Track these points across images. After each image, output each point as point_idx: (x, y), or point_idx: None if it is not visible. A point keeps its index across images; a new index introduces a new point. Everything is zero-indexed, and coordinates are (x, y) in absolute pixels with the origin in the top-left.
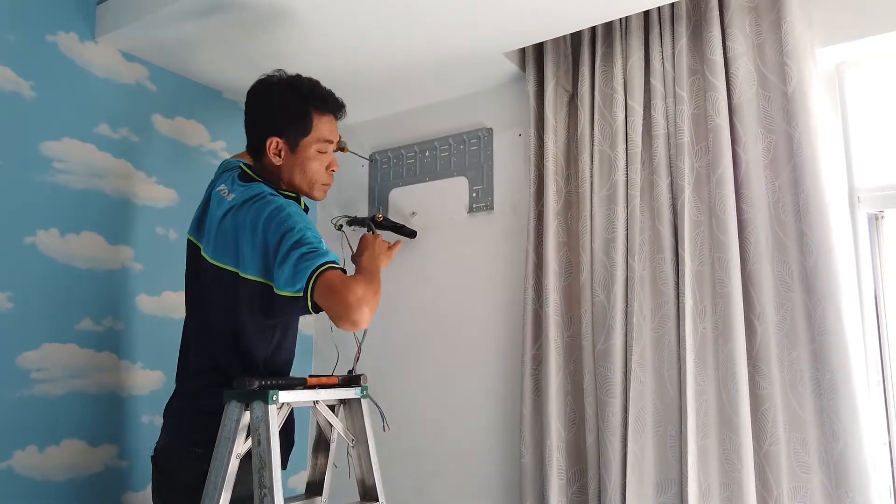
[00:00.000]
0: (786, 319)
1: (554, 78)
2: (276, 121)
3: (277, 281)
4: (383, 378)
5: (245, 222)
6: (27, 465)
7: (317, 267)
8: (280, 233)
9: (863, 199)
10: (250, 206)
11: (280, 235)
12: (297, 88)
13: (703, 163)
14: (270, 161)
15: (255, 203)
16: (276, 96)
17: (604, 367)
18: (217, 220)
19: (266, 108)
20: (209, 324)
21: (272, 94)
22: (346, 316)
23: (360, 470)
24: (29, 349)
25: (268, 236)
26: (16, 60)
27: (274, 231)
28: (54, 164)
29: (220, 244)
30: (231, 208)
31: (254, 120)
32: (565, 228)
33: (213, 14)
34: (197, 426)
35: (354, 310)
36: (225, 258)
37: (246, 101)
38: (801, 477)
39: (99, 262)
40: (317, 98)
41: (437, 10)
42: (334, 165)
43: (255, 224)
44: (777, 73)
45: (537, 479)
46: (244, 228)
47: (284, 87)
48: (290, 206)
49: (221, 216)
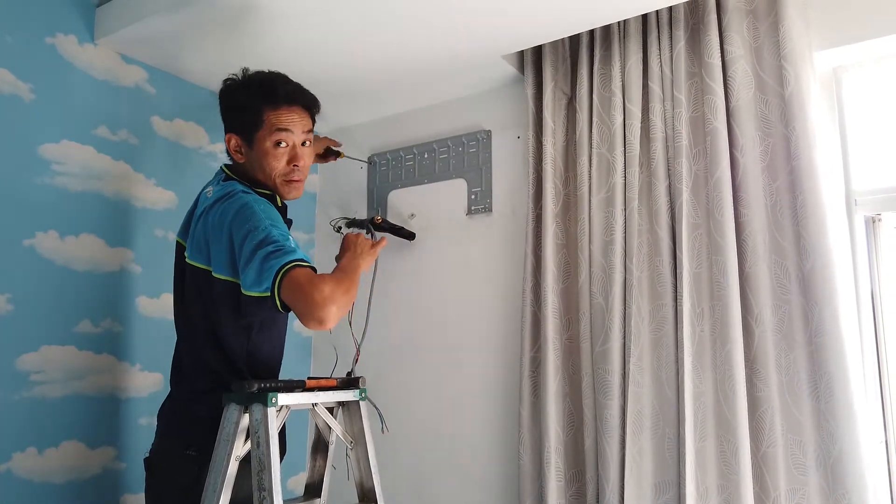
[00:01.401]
0: (783, 322)
1: (552, 81)
2: (231, 119)
3: (244, 282)
4: (382, 380)
5: (214, 221)
6: (26, 467)
7: (282, 265)
8: (244, 231)
9: (860, 202)
10: (220, 205)
11: (244, 234)
12: (249, 85)
13: (700, 166)
14: (234, 159)
15: (224, 202)
16: (231, 95)
17: (602, 369)
18: (196, 220)
19: (224, 108)
20: (194, 324)
21: (228, 93)
22: (310, 313)
23: (359, 472)
24: (28, 351)
25: (233, 235)
26: (14, 62)
27: (238, 229)
28: (53, 166)
29: (194, 244)
30: (206, 208)
31: (222, 120)
32: (564, 231)
33: (213, 17)
34: (190, 428)
35: (320, 307)
36: (199, 257)
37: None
38: (798, 479)
39: (98, 265)
40: (267, 92)
41: (435, 12)
42: (297, 160)
43: (223, 222)
44: (774, 77)
45: (535, 480)
46: (213, 227)
47: (238, 86)
48: (257, 204)
49: (199, 216)
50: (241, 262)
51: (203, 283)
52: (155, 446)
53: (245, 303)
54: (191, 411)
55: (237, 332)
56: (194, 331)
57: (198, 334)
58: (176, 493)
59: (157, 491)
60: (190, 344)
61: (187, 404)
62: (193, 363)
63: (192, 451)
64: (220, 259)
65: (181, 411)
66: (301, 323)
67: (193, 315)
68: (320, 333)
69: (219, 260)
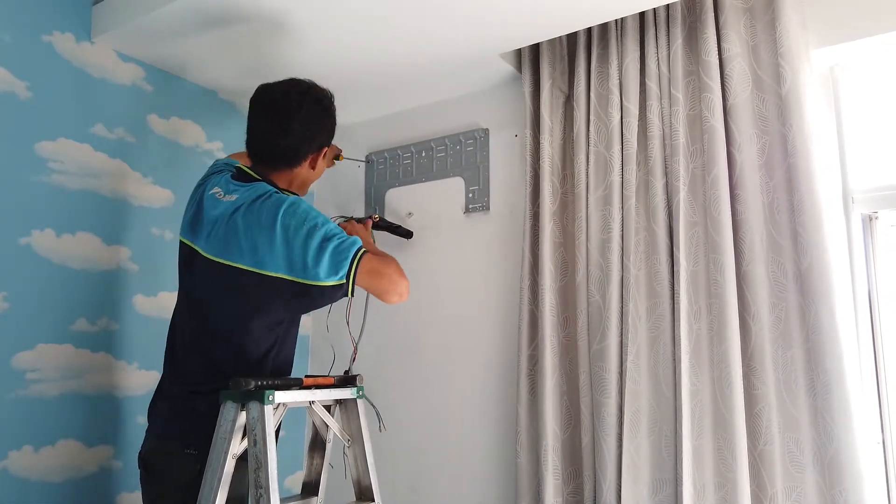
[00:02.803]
0: (780, 320)
1: (550, 79)
2: (331, 131)
3: (318, 273)
4: (379, 378)
5: (259, 220)
6: (22, 465)
7: (354, 254)
8: (306, 228)
9: (857, 199)
10: (262, 204)
11: (307, 231)
12: (332, 98)
13: (698, 164)
14: (308, 167)
15: (266, 201)
16: (331, 109)
17: (599, 367)
18: (222, 218)
19: (330, 121)
20: (210, 325)
21: (331, 107)
22: (395, 289)
23: (356, 470)
24: (24, 349)
25: (291, 233)
26: (11, 60)
27: (297, 227)
28: (50, 164)
29: (229, 243)
30: (238, 207)
31: (309, 127)
32: (561, 229)
33: (209, 14)
34: (190, 428)
35: (402, 284)
36: (236, 257)
37: (295, 107)
38: (795, 476)
39: (94, 263)
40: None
41: (433, 10)
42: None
43: (273, 222)
44: (772, 75)
45: (533, 478)
46: (260, 227)
47: (331, 98)
48: (302, 203)
49: (229, 215)
50: (310, 256)
51: (237, 282)
52: (151, 445)
53: (311, 294)
54: (190, 411)
55: (265, 331)
56: (210, 332)
57: (216, 335)
58: (175, 490)
59: (157, 490)
60: (198, 344)
61: (185, 403)
62: (195, 364)
63: (192, 450)
64: (273, 257)
65: (179, 410)
66: (381, 300)
67: (213, 315)
68: (318, 332)
69: (270, 259)
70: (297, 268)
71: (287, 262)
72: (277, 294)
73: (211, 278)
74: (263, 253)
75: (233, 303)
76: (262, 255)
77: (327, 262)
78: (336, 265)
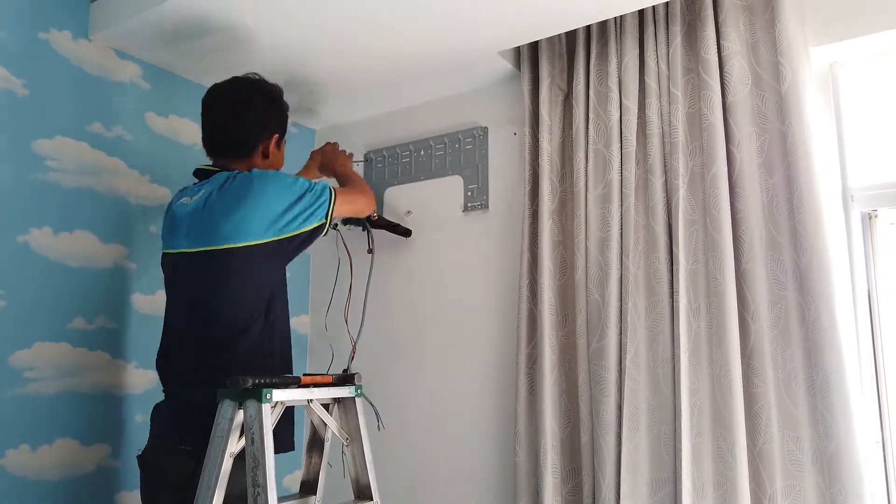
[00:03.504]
0: (779, 318)
1: (549, 77)
2: (281, 120)
3: (300, 224)
4: (378, 377)
5: (235, 195)
6: (20, 464)
7: (328, 197)
8: (280, 188)
9: (856, 197)
10: (231, 184)
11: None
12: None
13: (697, 162)
14: (265, 155)
15: (234, 181)
16: (281, 98)
17: (598, 365)
18: (197, 211)
19: (277, 109)
20: (200, 312)
21: (280, 96)
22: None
23: (355, 469)
24: (21, 348)
25: (268, 197)
26: (8, 58)
27: (272, 190)
28: (47, 162)
29: (208, 228)
30: (209, 196)
31: (260, 115)
32: (560, 227)
33: (207, 12)
34: (185, 423)
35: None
36: (220, 239)
37: (245, 97)
38: (794, 475)
39: (92, 261)
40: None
41: (431, 8)
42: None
43: (248, 192)
44: (771, 73)
45: (532, 477)
46: (237, 201)
47: (280, 91)
48: (268, 171)
49: (202, 206)
50: (291, 211)
51: (227, 262)
52: (150, 445)
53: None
54: (184, 406)
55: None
56: (196, 317)
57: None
58: (172, 488)
59: (153, 490)
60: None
61: (180, 399)
62: (188, 359)
63: (188, 445)
64: (258, 222)
65: (174, 407)
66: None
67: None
68: (317, 331)
69: (256, 225)
70: (279, 225)
71: (269, 224)
72: (265, 259)
73: (198, 271)
74: (245, 224)
75: (222, 285)
76: (244, 226)
77: (308, 211)
78: (314, 212)
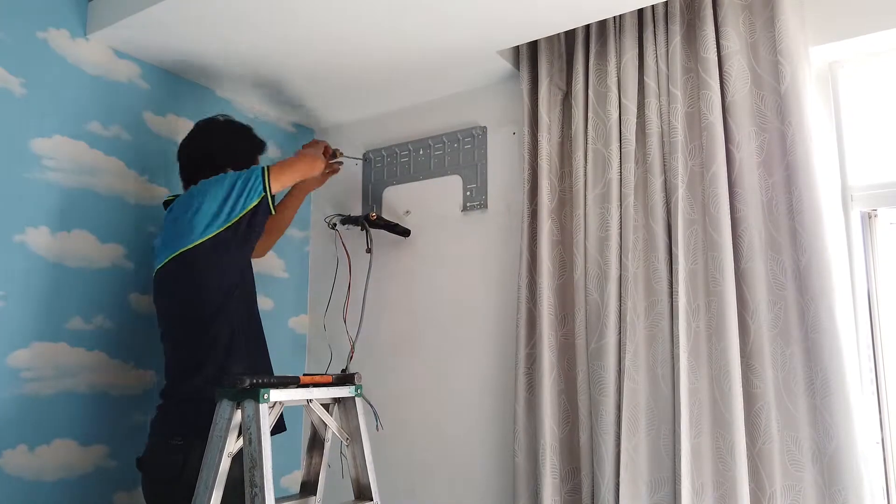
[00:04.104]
0: (779, 318)
1: (548, 76)
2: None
3: (242, 206)
4: (376, 377)
5: (190, 200)
6: (17, 464)
7: (259, 174)
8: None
9: (856, 197)
10: (189, 192)
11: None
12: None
13: (696, 161)
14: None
15: (192, 189)
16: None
17: (597, 365)
18: (167, 225)
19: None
20: (175, 316)
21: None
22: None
23: (355, 469)
24: (19, 348)
25: (210, 193)
26: (6, 57)
27: (213, 185)
28: (45, 161)
29: (174, 235)
30: (173, 209)
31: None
32: (559, 227)
33: (205, 10)
34: (173, 417)
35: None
36: (185, 240)
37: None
38: (794, 475)
39: (90, 261)
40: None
41: (430, 7)
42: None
43: (197, 192)
44: (770, 72)
45: (531, 477)
46: (190, 204)
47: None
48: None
49: (170, 220)
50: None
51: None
52: (146, 445)
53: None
54: (171, 402)
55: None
56: (174, 315)
57: (176, 318)
58: (159, 486)
59: (150, 488)
60: (170, 333)
61: (171, 394)
62: (175, 351)
63: (178, 440)
64: (214, 215)
65: (163, 405)
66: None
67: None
68: (315, 331)
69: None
70: (223, 216)
71: (213, 218)
72: (223, 249)
73: (172, 275)
74: (199, 221)
75: (191, 280)
76: (199, 223)
77: (244, 195)
78: (251, 192)
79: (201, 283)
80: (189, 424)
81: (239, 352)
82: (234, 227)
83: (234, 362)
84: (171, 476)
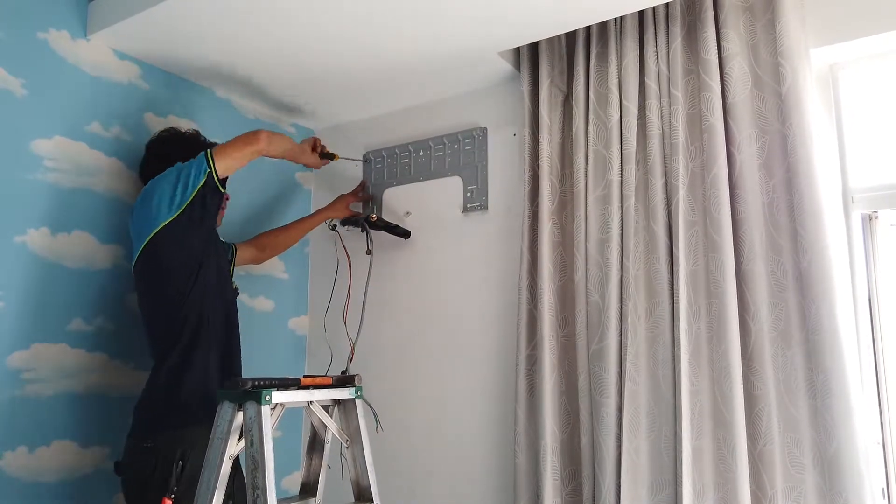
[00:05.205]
0: (780, 319)
1: (549, 77)
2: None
3: (192, 189)
4: (377, 378)
5: (149, 191)
6: (17, 465)
7: (202, 156)
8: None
9: (857, 199)
10: (144, 189)
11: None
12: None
13: (697, 163)
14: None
15: (145, 186)
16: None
17: (598, 367)
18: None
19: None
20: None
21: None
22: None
23: (355, 471)
24: (19, 349)
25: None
26: (6, 58)
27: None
28: (45, 162)
29: (138, 229)
30: (134, 210)
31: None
32: (560, 228)
33: (205, 11)
34: (143, 416)
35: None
36: (144, 236)
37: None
38: (795, 477)
39: (90, 262)
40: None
41: (431, 9)
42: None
43: (148, 188)
44: (771, 74)
45: (532, 479)
46: (144, 200)
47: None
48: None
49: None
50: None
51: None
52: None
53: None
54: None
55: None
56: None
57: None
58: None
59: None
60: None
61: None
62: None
63: (148, 442)
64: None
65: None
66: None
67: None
68: (316, 333)
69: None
70: (177, 197)
71: (168, 204)
72: (180, 230)
73: (143, 267)
74: (156, 208)
75: (158, 266)
76: (157, 211)
77: (190, 178)
78: (196, 174)
79: (167, 266)
80: (156, 424)
81: (207, 337)
82: (188, 210)
83: (200, 347)
84: (145, 478)
